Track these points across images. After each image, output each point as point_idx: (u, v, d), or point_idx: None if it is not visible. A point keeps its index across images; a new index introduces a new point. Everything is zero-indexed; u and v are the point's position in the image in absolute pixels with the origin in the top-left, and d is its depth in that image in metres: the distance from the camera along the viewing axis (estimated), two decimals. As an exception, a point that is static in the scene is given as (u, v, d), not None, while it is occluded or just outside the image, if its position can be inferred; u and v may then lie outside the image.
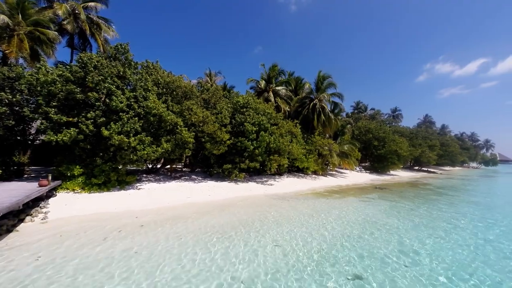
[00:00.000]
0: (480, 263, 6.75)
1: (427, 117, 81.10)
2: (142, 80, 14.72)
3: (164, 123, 14.59)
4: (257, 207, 12.64)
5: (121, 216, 9.94)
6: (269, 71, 29.09)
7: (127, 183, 14.31)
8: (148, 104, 13.66)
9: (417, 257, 7.00)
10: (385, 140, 35.62)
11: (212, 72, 35.82)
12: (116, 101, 12.58)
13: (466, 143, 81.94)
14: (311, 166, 24.69)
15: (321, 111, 27.47)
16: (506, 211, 14.13)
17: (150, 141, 13.81)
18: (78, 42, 21.93)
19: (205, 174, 20.99)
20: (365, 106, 58.98)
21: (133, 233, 8.04)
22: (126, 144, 12.44)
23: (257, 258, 6.56)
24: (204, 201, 13.47)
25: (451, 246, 7.97)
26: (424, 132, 55.21)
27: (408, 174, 40.83)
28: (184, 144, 15.42)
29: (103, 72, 12.80)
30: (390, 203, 15.13)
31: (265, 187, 18.73)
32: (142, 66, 16.75)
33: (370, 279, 5.69)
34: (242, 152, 18.57)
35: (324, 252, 7.12)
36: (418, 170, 51.47)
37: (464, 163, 79.13)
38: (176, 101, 16.95)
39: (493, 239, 8.90)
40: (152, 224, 9.10)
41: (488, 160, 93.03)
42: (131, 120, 12.98)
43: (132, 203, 11.70)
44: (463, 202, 16.81)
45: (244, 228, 9.02)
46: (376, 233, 9.05)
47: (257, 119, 19.07)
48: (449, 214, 12.64)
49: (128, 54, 14.62)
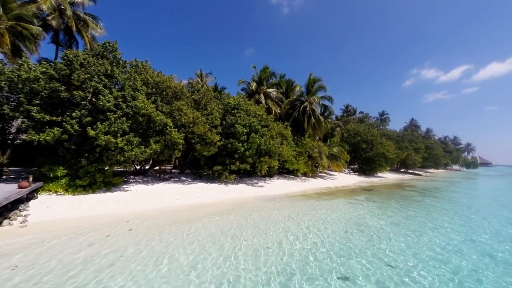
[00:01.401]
0: (463, 262, 7.00)
1: (413, 121, 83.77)
2: (130, 80, 14.39)
3: (153, 124, 14.32)
4: (247, 209, 12.59)
5: (107, 219, 9.63)
6: (261, 73, 29.18)
7: (114, 185, 13.91)
8: (137, 104, 13.37)
9: (402, 256, 7.17)
10: (373, 143, 36.47)
11: (203, 73, 35.61)
12: (103, 100, 12.23)
13: (449, 146, 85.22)
14: (301, 168, 24.91)
15: (312, 113, 27.79)
16: (485, 213, 14.73)
17: (139, 142, 13.50)
18: (63, 39, 21.20)
19: (194, 175, 20.72)
20: (354, 109, 60.20)
21: (120, 238, 7.79)
22: (113, 145, 12.10)
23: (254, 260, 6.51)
24: (193, 203, 13.28)
25: (431, 246, 8.20)
26: (410, 136, 56.97)
27: (395, 176, 41.93)
28: (173, 145, 15.17)
29: (90, 70, 12.43)
30: (377, 205, 15.46)
31: (256, 188, 18.70)
32: (131, 65, 16.39)
33: (359, 279, 5.77)
34: (232, 153, 18.48)
35: (318, 252, 7.16)
36: (404, 172, 52.99)
37: (447, 166, 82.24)
38: (165, 101, 16.69)
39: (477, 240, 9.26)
40: (141, 228, 8.87)
41: (470, 163, 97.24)
42: (119, 120, 12.64)
43: (119, 206, 11.37)
44: (446, 203, 17.39)
45: (235, 232, 8.95)
46: (360, 233, 9.20)
47: (248, 120, 19.05)
48: (433, 215, 13.04)
49: (116, 52, 14.27)
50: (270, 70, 30.06)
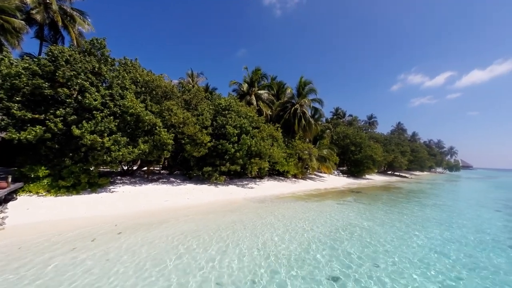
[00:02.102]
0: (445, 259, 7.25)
1: (399, 124, 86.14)
2: (119, 78, 14.04)
3: (141, 123, 14.02)
4: (236, 211, 12.52)
5: (92, 221, 9.31)
6: (252, 75, 29.23)
7: (100, 186, 13.49)
8: (125, 103, 13.05)
9: (388, 257, 7.33)
10: (362, 145, 37.24)
11: (194, 73, 35.28)
12: (90, 98, 11.86)
13: (433, 149, 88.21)
14: (291, 170, 25.07)
15: (302, 116, 28.07)
16: (469, 216, 15.33)
17: (126, 142, 13.18)
18: (48, 34, 20.46)
19: (184, 176, 20.43)
20: (344, 112, 61.36)
21: (106, 242, 7.51)
22: (99, 144, 11.75)
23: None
24: (182, 204, 13.07)
25: (416, 247, 8.44)
26: (396, 139, 58.61)
27: (382, 178, 42.93)
28: (162, 146, 14.91)
29: (76, 67, 12.03)
30: (365, 206, 15.77)
31: (246, 190, 18.64)
32: (120, 63, 16.00)
33: (348, 280, 5.84)
34: (223, 154, 18.36)
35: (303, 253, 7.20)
36: (391, 174, 54.38)
37: (432, 168, 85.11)
38: (155, 101, 16.39)
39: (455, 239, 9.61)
40: (127, 230, 8.62)
41: (452, 165, 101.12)
42: (106, 119, 12.30)
43: (105, 207, 11.03)
44: (430, 205, 17.97)
45: (225, 233, 8.87)
46: (348, 234, 9.35)
47: (239, 122, 19.01)
48: (417, 217, 13.43)
49: (104, 49, 13.90)
50: (261, 71, 30.16)
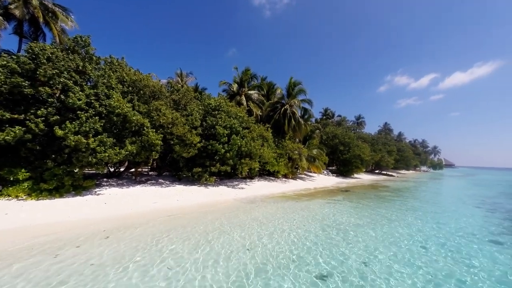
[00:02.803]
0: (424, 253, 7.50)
1: (386, 124, 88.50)
2: (105, 77, 13.64)
3: (129, 124, 13.68)
4: (226, 211, 12.45)
5: (77, 225, 8.98)
6: (242, 75, 29.17)
7: (84, 188, 13.03)
8: (111, 103, 12.69)
9: (375, 254, 7.50)
10: (350, 145, 37.99)
11: (183, 73, 34.85)
12: (74, 98, 11.44)
13: (418, 149, 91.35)
14: (282, 170, 25.21)
15: (292, 116, 28.29)
16: (453, 214, 15.96)
17: (113, 143, 12.81)
18: (28, 30, 19.56)
19: (173, 178, 20.10)
20: (333, 112, 62.38)
21: (92, 247, 7.19)
22: (84, 146, 11.36)
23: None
24: (171, 206, 12.84)
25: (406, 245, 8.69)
26: (383, 139, 60.17)
27: (370, 177, 43.95)
28: (151, 147, 14.60)
29: (59, 65, 11.57)
30: (354, 204, 16.08)
31: (236, 190, 18.57)
32: (106, 62, 15.53)
33: (336, 279, 5.92)
34: (213, 155, 18.21)
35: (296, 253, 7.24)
36: (378, 173, 55.78)
37: (416, 167, 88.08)
38: (143, 101, 16.04)
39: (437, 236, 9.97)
40: (115, 234, 8.38)
41: (436, 164, 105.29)
42: (91, 120, 11.91)
43: (90, 210, 10.67)
44: (415, 202, 18.56)
45: (213, 234, 8.79)
46: (337, 232, 9.50)
47: (229, 122, 18.91)
48: (403, 214, 13.84)
49: (89, 47, 13.44)
50: (251, 72, 30.16)
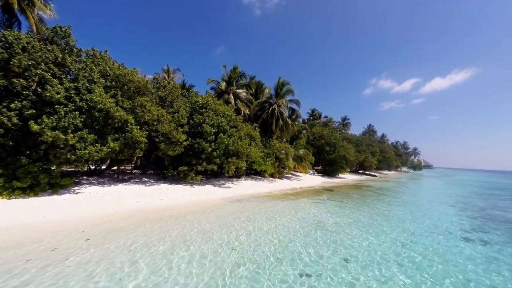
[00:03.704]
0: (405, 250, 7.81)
1: (370, 126, 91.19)
2: (86, 70, 13.04)
3: (111, 120, 13.18)
4: (212, 211, 12.32)
5: (52, 227, 8.52)
6: (230, 73, 28.96)
7: (62, 187, 12.42)
8: (93, 98, 12.16)
9: (358, 252, 7.72)
10: (336, 146, 38.80)
11: (170, 69, 34.07)
12: (52, 91, 10.85)
13: (399, 150, 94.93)
14: (269, 169, 25.31)
15: (280, 116, 28.47)
16: (428, 212, 16.73)
17: (94, 139, 12.29)
18: (1, 18, 18.30)
19: (158, 176, 19.62)
20: (320, 113, 63.32)
21: (69, 250, 6.82)
22: (62, 142, 10.81)
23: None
24: (155, 206, 12.51)
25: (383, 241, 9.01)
26: (367, 140, 62.01)
27: (354, 177, 45.14)
28: (135, 144, 14.16)
29: (35, 56, 10.92)
30: (338, 203, 16.45)
31: (223, 190, 18.43)
32: (87, 55, 14.85)
33: (320, 275, 6.02)
34: (199, 153, 17.95)
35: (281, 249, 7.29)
36: (362, 173, 57.43)
37: (398, 168, 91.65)
38: (127, 96, 15.52)
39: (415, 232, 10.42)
40: (95, 236, 8.03)
41: (416, 165, 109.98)
42: (70, 115, 11.34)
43: (68, 210, 10.16)
44: (395, 201, 19.30)
45: (201, 234, 8.66)
46: (321, 230, 9.68)
47: (216, 120, 18.72)
48: (383, 212, 14.35)
49: (69, 38, 12.81)
50: (240, 70, 30.02)
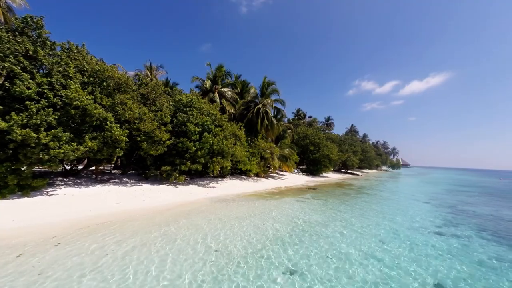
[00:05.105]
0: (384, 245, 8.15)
1: (352, 126, 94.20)
2: (61, 65, 12.33)
3: (89, 118, 12.56)
4: (196, 211, 12.13)
5: (21, 232, 7.95)
6: (216, 72, 28.63)
7: (34, 188, 11.65)
8: (68, 94, 11.52)
9: (340, 249, 7.93)
10: (320, 145, 39.64)
11: (153, 65, 33.11)
12: (21, 86, 10.14)
13: (379, 150, 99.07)
14: (254, 169, 25.33)
15: (265, 115, 28.57)
16: (403, 206, 17.58)
17: (70, 138, 11.65)
18: (-35, 5, 16.87)
19: (140, 176, 19.00)
20: (304, 113, 64.38)
21: (37, 257, 6.37)
22: (33, 140, 10.14)
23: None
24: (136, 207, 12.08)
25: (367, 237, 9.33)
26: (350, 140, 63.97)
27: (337, 176, 46.37)
28: (114, 143, 13.61)
29: (3, 48, 10.16)
30: (321, 202, 16.81)
31: (207, 189, 18.19)
32: (62, 48, 13.99)
33: (306, 273, 6.11)
34: (183, 153, 17.59)
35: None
36: (345, 172, 59.14)
37: (378, 167, 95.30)
38: (106, 93, 14.85)
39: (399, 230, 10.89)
40: (66, 240, 7.60)
41: (394, 164, 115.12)
42: (43, 111, 10.67)
43: (40, 214, 9.54)
44: (374, 199, 20.09)
45: (183, 235, 8.49)
46: (304, 228, 9.85)
47: (201, 119, 18.44)
48: (364, 210, 14.87)
49: (42, 30, 12.00)
50: (225, 69, 29.80)
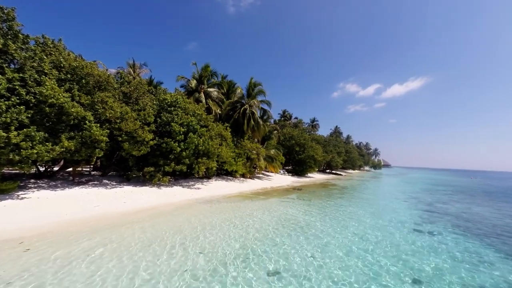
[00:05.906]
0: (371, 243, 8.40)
1: (337, 128, 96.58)
2: (35, 60, 11.64)
3: (66, 117, 11.94)
4: (180, 213, 11.88)
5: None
6: (202, 71, 28.27)
7: (3, 192, 10.90)
8: (43, 91, 10.88)
9: (324, 248, 8.09)
10: (305, 146, 40.26)
11: (136, 63, 32.15)
12: (-11, 82, 9.45)
13: (362, 150, 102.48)
14: (240, 169, 25.25)
15: (251, 116, 28.59)
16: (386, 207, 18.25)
17: (44, 137, 11.01)
18: None
19: (121, 178, 18.33)
20: (290, 114, 65.21)
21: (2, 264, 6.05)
22: (2, 140, 9.48)
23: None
24: (117, 210, 11.59)
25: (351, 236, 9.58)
26: (334, 141, 65.54)
27: (321, 176, 47.30)
28: (94, 143, 13.04)
29: (-32, 40, 9.41)
30: (306, 202, 17.07)
31: (192, 191, 17.88)
32: (37, 42, 13.21)
33: (289, 273, 6.15)
34: (167, 154, 17.18)
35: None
36: (329, 172, 60.50)
37: (361, 167, 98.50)
38: (85, 91, 14.20)
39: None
40: (37, 247, 7.16)
41: (376, 164, 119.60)
42: (14, 109, 10.00)
43: (8, 219, 8.90)
44: (357, 198, 20.71)
45: (165, 239, 8.27)
46: (290, 228, 9.95)
47: (186, 119, 18.10)
48: (346, 209, 15.28)
49: (13, 22, 11.25)
50: (211, 69, 29.51)
